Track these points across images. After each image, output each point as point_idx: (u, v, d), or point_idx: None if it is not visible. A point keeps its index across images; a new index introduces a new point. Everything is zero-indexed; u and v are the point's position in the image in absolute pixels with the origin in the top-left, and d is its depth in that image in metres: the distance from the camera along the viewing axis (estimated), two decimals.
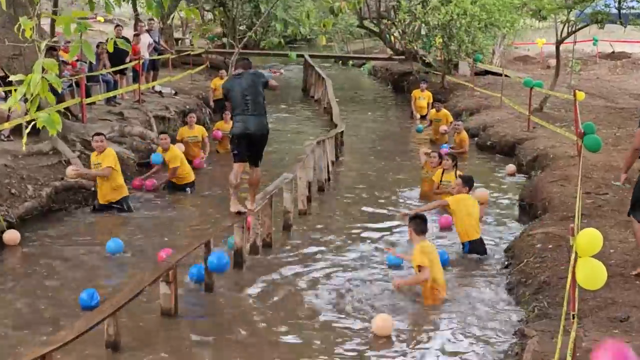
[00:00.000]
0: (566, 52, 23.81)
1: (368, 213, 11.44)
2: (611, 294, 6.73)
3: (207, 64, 25.79)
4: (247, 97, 8.36)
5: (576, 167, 11.14)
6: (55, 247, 9.49)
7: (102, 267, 8.88)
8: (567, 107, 17.89)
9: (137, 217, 10.97)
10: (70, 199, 11.19)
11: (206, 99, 20.28)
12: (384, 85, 30.83)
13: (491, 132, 16.79)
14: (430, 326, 7.27)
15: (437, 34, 23.46)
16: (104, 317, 6.16)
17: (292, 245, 9.73)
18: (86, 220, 10.79)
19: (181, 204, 11.85)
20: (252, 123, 8.35)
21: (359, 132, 18.97)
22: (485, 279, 8.59)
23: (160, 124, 16.35)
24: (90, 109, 14.89)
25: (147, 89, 18.32)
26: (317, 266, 8.95)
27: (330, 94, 20.58)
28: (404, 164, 15.05)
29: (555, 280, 7.41)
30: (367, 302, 7.81)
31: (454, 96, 22.60)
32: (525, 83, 16.61)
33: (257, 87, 8.48)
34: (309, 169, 11.74)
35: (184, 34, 39.60)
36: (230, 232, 8.82)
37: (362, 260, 9.24)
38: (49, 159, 11.63)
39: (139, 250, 9.45)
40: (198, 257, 8.17)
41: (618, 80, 25.20)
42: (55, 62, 3.99)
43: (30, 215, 10.24)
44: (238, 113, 8.42)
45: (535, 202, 10.84)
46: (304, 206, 11.22)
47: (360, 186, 13.18)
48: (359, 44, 43.22)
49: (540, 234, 8.86)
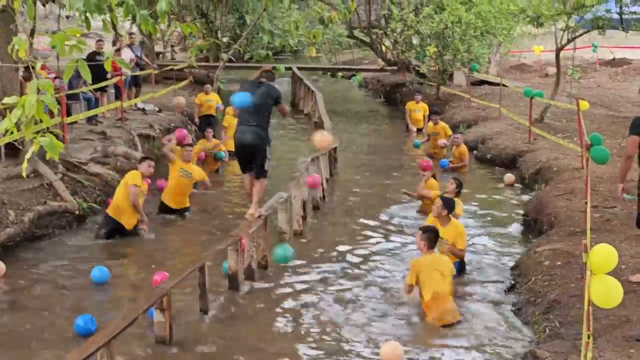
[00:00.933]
0: (565, 60, 24.00)
1: (364, 232, 11.49)
2: (625, 312, 6.80)
3: (190, 79, 25.85)
4: (255, 110, 9.10)
5: (581, 180, 11.32)
6: (40, 275, 9.47)
7: (91, 295, 8.88)
8: (568, 117, 18.05)
9: (127, 241, 10.97)
10: (53, 223, 11.15)
11: (191, 115, 20.29)
12: (376, 97, 30.97)
13: (490, 144, 16.91)
14: (436, 349, 7.32)
15: (431, 43, 23.65)
16: (97, 347, 6.17)
17: (289, 268, 9.77)
18: (72, 246, 10.77)
19: (173, 228, 11.86)
20: (251, 135, 9.10)
21: (353, 147, 19.06)
22: (492, 298, 8.65)
23: (145, 142, 16.37)
24: (71, 129, 14.88)
25: (129, 107, 18.35)
26: (315, 289, 8.99)
27: (321, 108, 20.67)
28: (400, 179, 15.13)
29: (566, 299, 7.48)
30: (369, 325, 7.86)
31: (450, 108, 22.74)
32: (525, 93, 16.76)
33: (268, 105, 9.26)
34: (303, 188, 11.81)
35: (164, 47, 39.68)
36: (224, 256, 8.86)
37: (360, 281, 9.29)
38: (30, 183, 11.60)
39: (128, 276, 9.46)
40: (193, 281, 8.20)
41: (619, 87, 25.44)
42: (51, 83, 4.03)
43: (12, 241, 10.21)
44: (240, 122, 9.26)
45: (540, 217, 10.94)
46: (299, 226, 11.28)
47: (356, 204, 13.25)
48: (348, 54, 43.40)
49: (547, 251, 8.94)
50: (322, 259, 10.20)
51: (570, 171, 12.72)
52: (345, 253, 10.43)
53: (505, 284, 9.04)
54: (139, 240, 11.00)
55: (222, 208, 13.05)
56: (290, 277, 9.43)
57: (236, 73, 36.76)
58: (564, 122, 17.93)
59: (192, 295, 8.35)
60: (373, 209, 12.83)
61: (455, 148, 15.91)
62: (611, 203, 10.34)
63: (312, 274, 9.57)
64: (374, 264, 9.95)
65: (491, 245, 10.66)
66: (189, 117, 20.23)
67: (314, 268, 9.77)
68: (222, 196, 14.02)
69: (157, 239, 11.12)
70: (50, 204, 11.25)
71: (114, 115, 17.48)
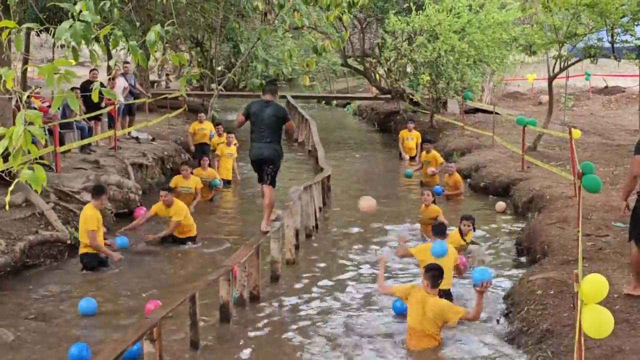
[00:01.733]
0: (558, 88, 24.16)
1: (357, 261, 11.47)
2: (617, 342, 6.77)
3: (184, 107, 25.92)
4: (267, 127, 9.96)
5: (574, 208, 11.31)
6: (31, 304, 9.41)
7: (81, 325, 8.81)
8: (561, 145, 18.11)
9: (118, 271, 10.92)
10: (45, 253, 11.12)
11: (185, 144, 20.31)
12: (370, 125, 31.08)
13: (484, 172, 16.95)
14: None
15: (425, 72, 23.78)
16: None
17: (280, 298, 9.73)
18: (63, 276, 10.72)
19: (165, 255, 11.82)
20: (267, 150, 10.00)
21: (346, 176, 19.07)
22: (484, 327, 8.61)
23: (138, 171, 16.36)
24: (64, 158, 14.87)
25: (123, 135, 18.37)
26: (307, 321, 8.93)
27: (315, 137, 20.72)
28: (393, 208, 15.13)
29: (559, 328, 7.45)
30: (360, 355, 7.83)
31: (443, 136, 22.82)
32: (518, 121, 16.82)
33: (279, 122, 10.08)
34: (296, 216, 11.79)
35: (159, 76, 39.83)
36: (216, 286, 8.81)
37: (351, 311, 9.24)
38: (21, 212, 11.59)
39: (119, 306, 9.41)
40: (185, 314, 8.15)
41: (613, 115, 25.57)
42: (39, 114, 4.03)
43: (3, 271, 10.16)
44: (254, 138, 10.08)
45: (533, 246, 10.93)
46: (291, 255, 11.26)
47: (349, 233, 13.23)
48: (342, 82, 43.63)
49: (540, 280, 8.91)
50: (315, 288, 10.16)
51: (563, 199, 12.73)
52: (339, 282, 10.40)
53: (498, 313, 9.01)
54: (129, 269, 10.97)
55: (218, 236, 13.02)
56: (283, 308, 9.38)
57: (230, 101, 36.88)
58: (557, 150, 17.99)
59: (182, 325, 8.29)
60: (366, 237, 12.83)
61: (448, 176, 15.91)
62: (603, 232, 10.34)
63: (305, 303, 9.53)
64: (367, 294, 9.91)
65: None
66: (183, 146, 20.26)
67: (307, 298, 9.74)
68: (217, 224, 14.00)
69: (147, 267, 11.09)
70: (42, 233, 11.23)
71: (107, 144, 17.48)
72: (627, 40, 16.08)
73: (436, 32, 23.02)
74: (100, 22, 4.76)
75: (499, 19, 22.59)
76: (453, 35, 22.60)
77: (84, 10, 4.76)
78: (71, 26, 4.79)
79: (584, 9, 16.06)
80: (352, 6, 10.12)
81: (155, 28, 5.11)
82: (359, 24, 29.84)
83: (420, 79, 24.37)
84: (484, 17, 22.74)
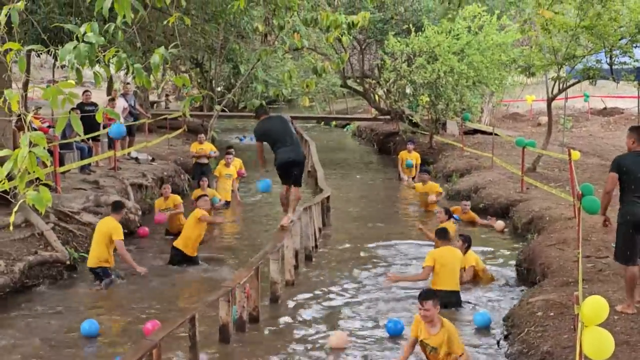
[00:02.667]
0: (557, 109, 24.23)
1: (357, 282, 11.47)
2: None
3: (184, 128, 25.99)
4: (287, 134, 11.09)
5: (574, 230, 11.34)
6: (30, 326, 9.41)
7: (82, 347, 8.81)
8: (561, 166, 18.17)
9: (119, 290, 10.93)
10: (44, 274, 11.11)
11: (185, 164, 20.34)
12: (370, 146, 31.14)
13: (483, 193, 16.97)
14: None
15: (424, 93, 23.87)
16: None
17: (280, 320, 9.72)
18: (62, 297, 10.71)
19: (165, 276, 11.81)
20: (294, 153, 11.09)
21: (346, 197, 19.10)
22: (484, 349, 8.62)
23: (138, 191, 16.40)
24: (64, 178, 14.91)
25: (122, 156, 18.42)
26: (307, 341, 8.93)
27: (314, 158, 20.77)
28: (393, 228, 15.15)
29: (559, 350, 7.45)
30: None
31: (443, 157, 22.88)
32: (518, 143, 16.87)
33: (289, 124, 11.33)
34: (296, 237, 11.81)
35: (159, 96, 39.94)
36: (215, 307, 8.81)
37: (353, 333, 9.22)
38: (21, 232, 11.60)
39: (119, 326, 9.41)
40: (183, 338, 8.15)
41: (611, 136, 25.66)
42: (43, 135, 4.07)
43: (2, 292, 10.15)
44: (280, 146, 11.05)
45: (533, 267, 10.95)
46: (291, 276, 11.26)
47: (348, 253, 13.23)
48: (341, 103, 43.78)
49: (540, 301, 8.92)
50: (314, 309, 10.16)
51: (563, 221, 12.75)
52: (338, 304, 10.40)
53: (498, 335, 9.01)
54: (131, 289, 10.97)
55: (218, 255, 13.02)
56: (282, 329, 9.38)
57: (230, 122, 36.95)
58: (557, 172, 18.03)
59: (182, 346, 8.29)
60: (365, 258, 12.83)
61: (463, 214, 15.59)
62: (603, 253, 10.36)
63: (304, 325, 9.53)
64: (366, 315, 9.91)
65: (483, 294, 10.64)
66: (183, 167, 20.31)
67: (306, 319, 9.73)
68: (217, 243, 14.02)
69: (147, 288, 11.08)
70: (41, 253, 11.23)
71: (107, 165, 17.53)
72: (625, 62, 16.16)
73: (435, 53, 23.13)
74: (104, 44, 4.81)
75: (498, 41, 22.70)
76: (452, 56, 22.71)
77: (89, 32, 4.81)
78: (75, 47, 4.84)
79: (582, 31, 16.17)
80: (352, 27, 10.15)
81: (159, 51, 5.15)
82: (358, 45, 30.01)
83: (420, 100, 24.43)
84: (483, 38, 22.85)
